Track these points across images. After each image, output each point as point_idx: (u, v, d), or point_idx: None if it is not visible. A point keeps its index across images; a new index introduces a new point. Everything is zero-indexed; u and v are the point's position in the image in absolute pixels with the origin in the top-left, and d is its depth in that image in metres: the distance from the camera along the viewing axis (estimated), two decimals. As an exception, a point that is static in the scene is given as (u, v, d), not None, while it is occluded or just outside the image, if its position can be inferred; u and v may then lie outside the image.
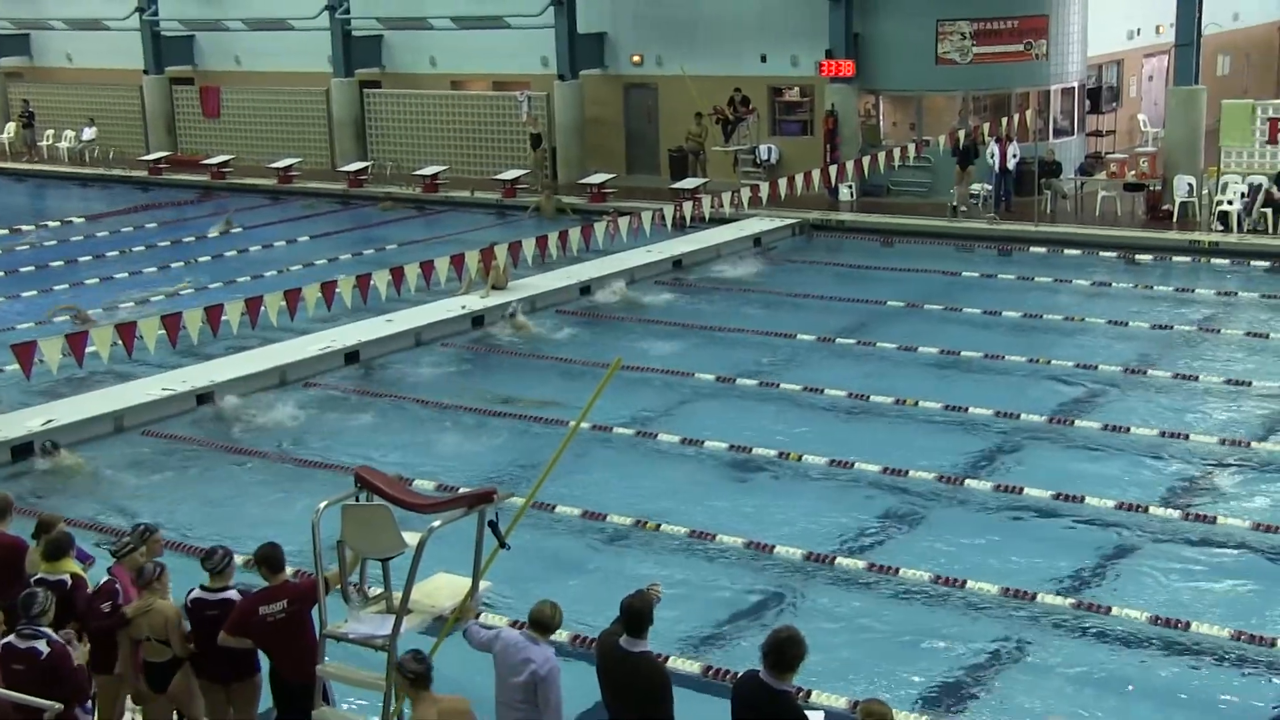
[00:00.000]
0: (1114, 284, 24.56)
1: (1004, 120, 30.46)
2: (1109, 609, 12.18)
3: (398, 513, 8.79)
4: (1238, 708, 10.82)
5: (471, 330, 22.95)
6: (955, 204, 29.45)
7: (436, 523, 8.60)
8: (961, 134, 30.04)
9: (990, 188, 29.88)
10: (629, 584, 9.40)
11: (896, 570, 13.15)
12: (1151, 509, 14.36)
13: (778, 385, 19.17)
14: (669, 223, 27.38)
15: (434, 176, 35.32)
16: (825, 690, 10.82)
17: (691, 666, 11.40)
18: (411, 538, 8.62)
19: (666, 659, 11.06)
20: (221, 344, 21.36)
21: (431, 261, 23.59)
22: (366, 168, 37.03)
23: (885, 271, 26.11)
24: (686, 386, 19.47)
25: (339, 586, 9.13)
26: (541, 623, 8.43)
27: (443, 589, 9.19)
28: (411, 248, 28.57)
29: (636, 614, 8.21)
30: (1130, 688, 11.16)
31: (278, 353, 21.00)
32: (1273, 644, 11.47)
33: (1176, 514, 14.30)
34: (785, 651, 7.65)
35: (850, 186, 30.95)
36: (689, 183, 31.92)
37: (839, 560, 13.49)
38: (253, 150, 40.58)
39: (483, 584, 9.23)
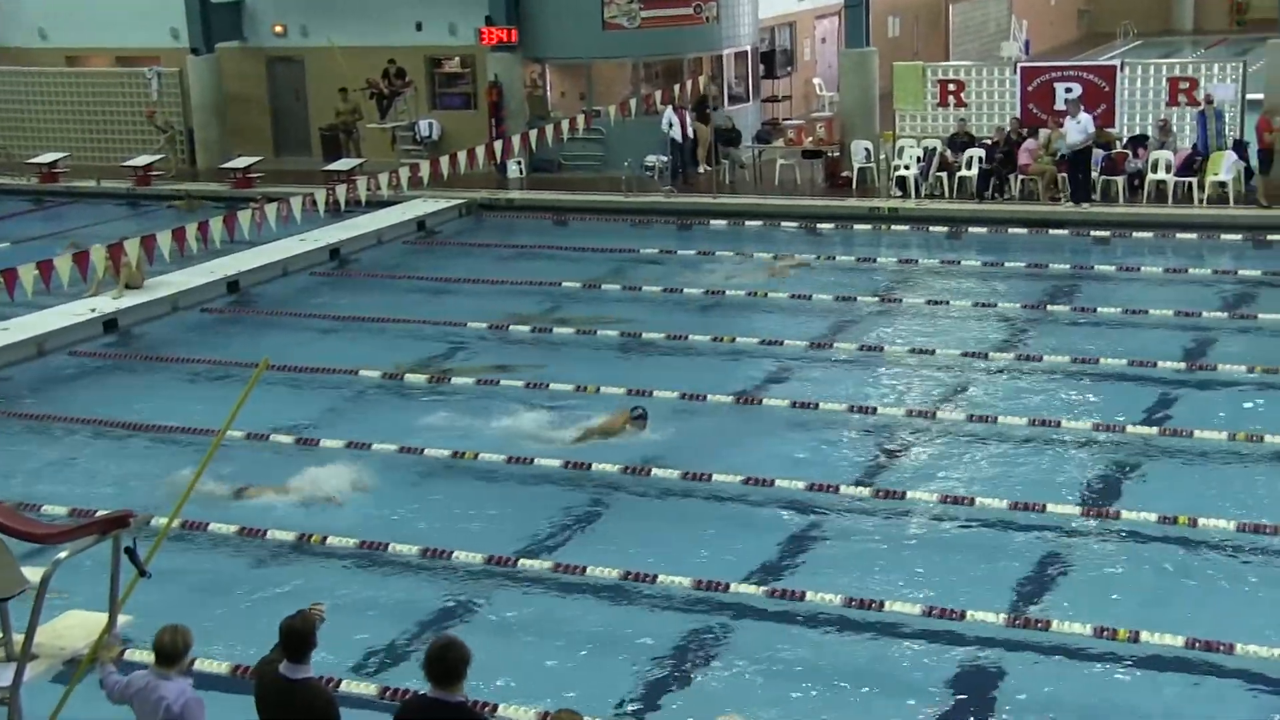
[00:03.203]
0: (796, 255, 25.36)
1: (677, 87, 31.10)
2: (803, 594, 12.57)
3: (16, 546, 8.37)
4: (930, 682, 11.31)
5: (104, 335, 22.08)
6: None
7: (63, 554, 8.28)
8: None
9: (665, 159, 30.44)
10: (293, 604, 9.18)
11: (584, 569, 13.24)
12: (842, 488, 14.89)
13: (449, 379, 19.08)
14: (321, 208, 26.87)
15: (53, 164, 33.81)
16: (514, 703, 10.82)
17: (367, 689, 11.22)
18: (34, 574, 8.22)
19: (337, 683, 10.87)
20: None
21: (50, 260, 22.54)
22: (-29, 156, 35.22)
23: (560, 251, 26.34)
24: (350, 386, 19.19)
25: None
26: (164, 653, 8.09)
27: (74, 628, 8.85)
28: (28, 246, 27.25)
29: (297, 636, 8.01)
30: (829, 672, 11.52)
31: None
32: (962, 616, 12.06)
33: (867, 491, 14.88)
34: (445, 658, 7.59)
35: (519, 162, 31.10)
36: (343, 164, 31.44)
37: (522, 562, 13.51)
38: None
39: (122, 619, 8.88)
